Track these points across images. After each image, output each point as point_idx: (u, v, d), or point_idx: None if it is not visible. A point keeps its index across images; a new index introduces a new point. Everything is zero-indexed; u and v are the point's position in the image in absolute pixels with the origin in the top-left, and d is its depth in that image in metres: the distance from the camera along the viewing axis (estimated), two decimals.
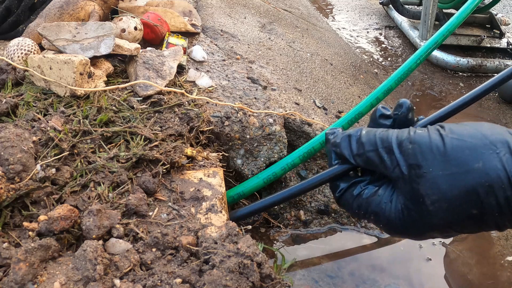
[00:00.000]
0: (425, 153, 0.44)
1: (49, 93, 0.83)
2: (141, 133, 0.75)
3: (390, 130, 0.49)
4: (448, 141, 0.44)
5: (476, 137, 0.43)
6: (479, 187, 0.41)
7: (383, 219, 0.48)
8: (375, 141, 0.49)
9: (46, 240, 0.53)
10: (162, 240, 0.57)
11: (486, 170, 0.41)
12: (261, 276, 0.54)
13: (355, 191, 0.52)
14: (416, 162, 0.45)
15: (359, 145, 0.50)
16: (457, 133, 0.44)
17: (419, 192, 0.44)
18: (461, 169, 0.42)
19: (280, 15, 2.10)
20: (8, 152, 0.59)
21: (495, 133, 0.43)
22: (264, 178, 0.87)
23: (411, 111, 0.53)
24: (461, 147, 0.43)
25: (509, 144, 0.41)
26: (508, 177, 0.40)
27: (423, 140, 0.45)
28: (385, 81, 0.91)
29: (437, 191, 0.43)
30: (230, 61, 1.23)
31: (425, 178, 0.44)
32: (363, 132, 0.51)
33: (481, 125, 0.45)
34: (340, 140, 0.53)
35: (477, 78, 2.52)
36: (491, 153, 0.41)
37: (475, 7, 1.01)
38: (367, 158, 0.49)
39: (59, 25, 0.91)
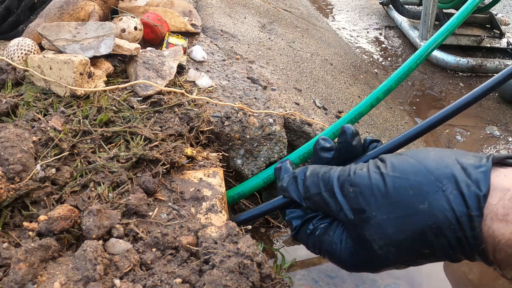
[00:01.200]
0: (367, 196, 0.41)
1: (49, 93, 0.83)
2: (141, 133, 0.75)
3: (333, 170, 0.46)
4: (389, 181, 0.41)
5: (420, 173, 0.40)
6: (426, 230, 0.38)
7: (335, 259, 0.47)
8: (318, 184, 0.46)
9: (46, 240, 0.53)
10: (162, 240, 0.57)
11: (433, 211, 0.38)
12: (261, 276, 0.54)
13: (309, 228, 0.50)
14: (359, 207, 0.42)
15: (305, 188, 0.48)
16: (399, 169, 0.41)
17: (365, 237, 0.42)
18: (406, 211, 0.39)
19: (280, 15, 2.10)
20: (8, 152, 0.59)
21: (441, 166, 0.39)
22: (264, 178, 0.87)
23: (355, 137, 0.51)
24: (404, 186, 0.40)
25: (456, 179, 0.38)
26: (456, 217, 0.37)
27: (363, 182, 0.42)
28: (385, 81, 0.91)
29: (384, 235, 0.40)
30: (230, 61, 1.23)
31: (369, 224, 0.41)
32: (307, 174, 0.48)
33: (426, 156, 0.41)
34: (286, 184, 0.50)
35: (477, 78, 2.52)
36: (437, 191, 0.38)
37: (475, 7, 1.01)
38: (314, 201, 0.47)
39: (59, 25, 0.91)
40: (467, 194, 0.37)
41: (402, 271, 0.99)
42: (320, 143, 0.52)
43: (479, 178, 0.37)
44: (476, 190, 0.36)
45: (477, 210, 0.36)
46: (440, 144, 1.95)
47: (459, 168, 0.38)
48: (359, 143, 0.52)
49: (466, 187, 0.37)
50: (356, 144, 0.51)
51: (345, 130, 0.51)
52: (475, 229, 0.36)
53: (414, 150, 0.43)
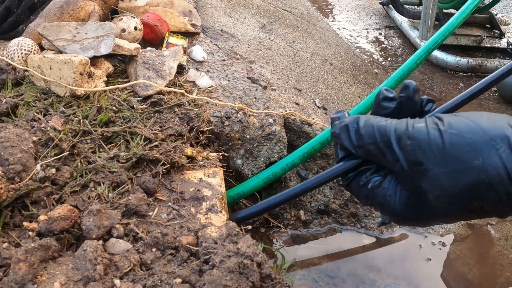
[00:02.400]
0: (425, 150, 0.44)
1: (49, 93, 0.83)
2: (141, 133, 0.75)
3: (389, 121, 0.48)
4: (447, 137, 0.43)
5: (475, 132, 0.42)
6: (479, 184, 0.41)
7: (389, 211, 0.48)
8: (374, 134, 0.48)
9: (46, 240, 0.53)
10: (162, 240, 0.57)
11: (486, 167, 0.40)
12: (261, 276, 0.54)
13: (361, 180, 0.51)
14: (416, 159, 0.44)
15: (358, 136, 0.49)
16: (456, 128, 0.43)
17: (421, 188, 0.44)
18: (461, 166, 0.42)
19: (280, 15, 2.10)
20: (8, 152, 0.59)
21: (495, 127, 0.42)
22: (264, 178, 0.87)
23: (417, 93, 0.52)
24: (460, 143, 0.42)
25: (509, 139, 0.41)
26: (508, 173, 0.40)
27: (422, 136, 0.44)
28: (385, 81, 0.91)
29: (439, 187, 0.43)
30: (230, 61, 1.23)
31: (426, 176, 0.43)
32: (362, 123, 0.49)
33: (480, 117, 0.44)
34: (339, 131, 0.51)
35: (477, 78, 2.52)
36: (491, 149, 0.41)
37: (475, 7, 1.01)
38: (368, 150, 0.49)
39: (59, 25, 0.91)
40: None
41: (402, 271, 0.99)
42: (383, 93, 0.52)
43: None
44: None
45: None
46: None
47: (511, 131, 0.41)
48: (419, 99, 0.53)
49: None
50: (417, 100, 0.52)
51: (408, 85, 0.52)
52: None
53: (469, 113, 0.46)
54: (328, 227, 1.08)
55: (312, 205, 1.08)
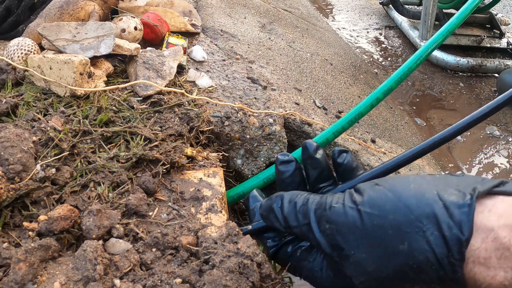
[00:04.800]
0: (344, 234, 0.40)
1: (49, 93, 0.83)
2: (141, 133, 0.75)
3: (310, 201, 0.45)
4: (367, 219, 0.39)
5: (399, 211, 0.38)
6: (407, 269, 0.37)
7: (317, 285, 0.47)
8: (297, 216, 0.45)
9: (46, 240, 0.53)
10: (162, 240, 0.57)
11: (413, 252, 0.37)
12: (261, 276, 0.54)
13: (288, 251, 0.50)
14: (336, 244, 0.41)
15: (284, 218, 0.46)
16: (377, 206, 0.39)
17: (346, 273, 0.41)
18: (386, 251, 0.38)
19: (280, 15, 2.10)
20: (8, 152, 0.59)
21: (421, 204, 0.37)
22: (264, 178, 0.87)
23: (317, 152, 0.50)
24: (383, 225, 0.38)
25: (437, 218, 0.36)
26: (437, 258, 0.36)
27: (340, 219, 0.40)
28: (385, 81, 0.91)
29: (364, 272, 0.40)
30: (230, 61, 1.23)
31: (348, 261, 0.40)
32: (285, 203, 0.47)
33: (406, 188, 0.39)
34: (266, 213, 0.49)
35: (477, 78, 2.52)
36: (417, 231, 0.36)
37: (475, 7, 1.01)
38: (294, 232, 0.46)
39: (59, 25, 0.91)
40: (448, 237, 0.35)
41: None
42: (278, 158, 0.52)
43: (462, 220, 0.35)
44: (458, 233, 0.35)
45: (459, 254, 0.35)
46: None
47: (441, 206, 0.36)
48: (323, 156, 0.51)
49: (448, 228, 0.35)
50: (321, 157, 0.51)
51: (306, 145, 0.51)
52: (456, 273, 0.36)
53: (392, 180, 0.41)
54: None
55: None
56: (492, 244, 0.34)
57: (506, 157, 1.94)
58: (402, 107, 2.20)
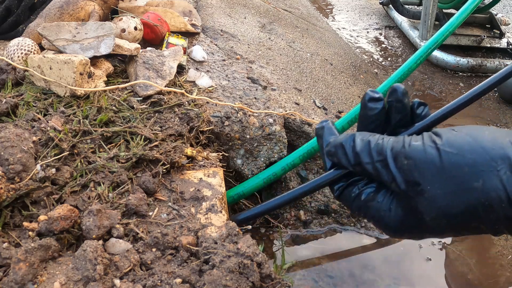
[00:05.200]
0: (422, 170, 0.42)
1: (49, 93, 0.83)
2: (141, 133, 0.75)
3: (386, 139, 0.46)
4: (445, 157, 0.41)
5: (475, 151, 0.41)
6: (479, 206, 0.40)
7: (383, 225, 0.48)
8: (370, 153, 0.46)
9: (46, 240, 0.53)
10: (162, 240, 0.57)
11: (486, 190, 0.39)
12: (261, 276, 0.54)
13: (353, 191, 0.50)
14: (413, 179, 0.43)
15: (355, 155, 0.48)
16: (456, 146, 0.42)
17: (418, 208, 0.43)
18: (461, 187, 0.40)
19: (280, 15, 2.10)
20: (8, 152, 0.59)
21: (496, 147, 0.41)
22: (264, 178, 0.87)
23: (405, 96, 0.51)
24: (460, 164, 0.41)
25: (510, 160, 0.39)
26: (508, 196, 0.38)
27: (419, 155, 0.43)
28: (385, 81, 0.91)
29: (436, 209, 0.42)
30: (230, 61, 1.23)
31: (423, 196, 0.42)
32: (358, 141, 0.48)
33: (482, 133, 0.42)
34: (334, 149, 0.50)
35: (477, 78, 2.52)
36: (491, 171, 0.39)
37: (475, 7, 1.01)
38: (364, 169, 0.47)
39: (59, 25, 0.91)
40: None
41: (402, 271, 0.99)
42: (369, 94, 0.51)
43: None
44: None
45: None
46: None
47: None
48: (408, 103, 0.51)
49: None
50: (407, 103, 0.51)
51: (396, 88, 0.50)
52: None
53: (469, 127, 0.44)
54: (328, 227, 1.08)
55: (312, 205, 1.08)
56: None
57: None
58: None
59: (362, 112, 0.52)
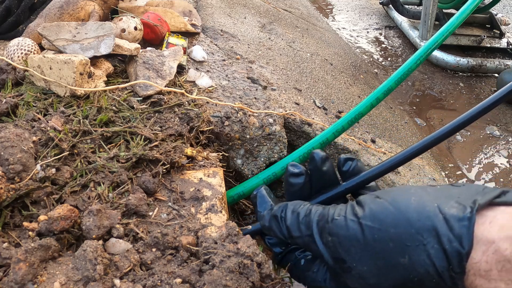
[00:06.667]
0: (346, 247, 0.40)
1: (49, 93, 0.83)
2: (141, 133, 0.75)
3: (312, 212, 0.45)
4: (368, 232, 0.39)
5: (399, 224, 0.38)
6: (408, 282, 0.38)
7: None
8: (299, 227, 0.45)
9: (46, 240, 0.53)
10: (162, 240, 0.57)
11: (414, 266, 0.37)
12: (261, 276, 0.54)
13: (291, 259, 0.50)
14: (338, 256, 0.41)
15: (287, 229, 0.47)
16: (378, 219, 0.39)
17: (348, 285, 0.42)
18: (387, 264, 0.38)
19: (280, 15, 2.10)
20: (8, 152, 0.59)
21: (422, 218, 0.37)
22: (264, 178, 0.87)
23: (324, 163, 0.50)
24: (384, 239, 0.38)
25: (437, 232, 0.36)
26: (438, 272, 0.36)
27: (341, 232, 0.41)
28: (385, 81, 0.91)
29: (366, 285, 0.40)
30: (230, 61, 1.23)
31: (350, 273, 0.41)
32: (288, 213, 0.47)
33: (407, 202, 0.39)
34: (268, 224, 0.49)
35: (477, 78, 2.52)
36: (418, 245, 0.37)
37: (475, 7, 1.01)
38: (297, 243, 0.47)
39: (59, 25, 0.91)
40: (449, 250, 0.35)
41: None
42: (289, 170, 0.51)
43: (462, 233, 0.35)
44: (458, 247, 0.35)
45: (459, 268, 0.35)
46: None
47: (441, 220, 0.36)
48: (330, 167, 0.51)
49: (448, 242, 0.35)
50: (327, 169, 0.50)
51: (314, 156, 0.50)
52: (457, 285, 0.36)
53: (394, 193, 0.41)
54: None
55: None
56: (493, 256, 0.34)
57: (506, 157, 1.94)
58: (402, 107, 2.20)
59: (286, 186, 0.52)
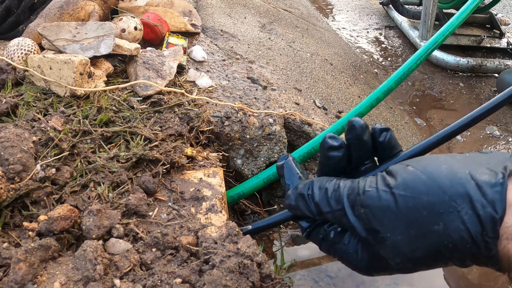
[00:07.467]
0: (379, 217, 0.40)
1: (49, 93, 0.83)
2: (141, 133, 0.75)
3: (341, 186, 0.44)
4: (401, 201, 0.39)
5: (432, 192, 0.38)
6: (442, 248, 0.38)
7: (352, 265, 0.47)
8: (329, 202, 0.45)
9: (46, 240, 0.53)
10: (162, 240, 0.57)
11: (448, 232, 0.37)
12: (261, 276, 0.54)
13: (320, 232, 0.49)
14: (371, 227, 0.41)
15: (316, 205, 0.46)
16: (411, 188, 0.39)
17: (381, 255, 0.42)
18: (421, 232, 0.38)
19: (280, 15, 2.10)
20: (8, 152, 0.59)
21: (454, 184, 0.37)
22: (264, 178, 0.87)
23: (364, 132, 0.48)
24: (417, 207, 0.38)
25: (471, 198, 0.36)
26: (471, 237, 0.36)
27: (374, 203, 0.40)
28: (385, 81, 0.91)
29: (399, 254, 0.40)
30: (230, 61, 1.23)
31: (384, 244, 0.41)
32: (316, 190, 0.46)
33: (438, 169, 0.39)
34: (295, 203, 0.48)
35: (477, 78, 2.52)
36: (451, 211, 0.37)
37: (475, 7, 1.01)
38: (327, 218, 0.46)
39: (59, 25, 0.91)
40: (482, 216, 0.36)
41: None
42: (328, 142, 0.48)
43: (495, 199, 0.36)
44: (491, 212, 0.35)
45: (493, 232, 0.36)
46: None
47: (473, 186, 0.37)
48: (369, 137, 0.49)
49: (482, 207, 0.36)
50: (367, 139, 0.48)
51: (354, 124, 0.47)
52: (491, 250, 0.36)
53: (424, 161, 0.41)
54: None
55: None
56: None
57: None
58: (402, 107, 2.20)
59: (322, 159, 0.50)
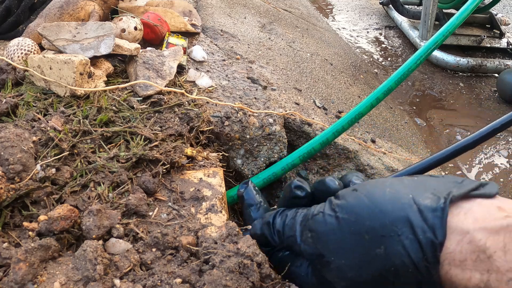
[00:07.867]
0: (324, 241, 0.41)
1: (49, 93, 0.83)
2: (141, 133, 0.75)
3: (299, 213, 0.47)
4: (344, 225, 0.40)
5: (374, 216, 0.38)
6: (385, 273, 0.38)
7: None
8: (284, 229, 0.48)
9: (46, 240, 0.53)
10: (162, 240, 0.57)
11: (389, 256, 0.37)
12: (261, 276, 0.54)
13: (279, 255, 0.52)
14: (317, 252, 0.42)
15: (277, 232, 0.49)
16: (354, 212, 0.40)
17: (327, 279, 0.43)
18: (364, 255, 0.39)
19: (280, 15, 2.10)
20: (8, 152, 0.59)
21: (396, 208, 0.38)
22: (264, 178, 0.87)
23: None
24: (360, 231, 0.39)
25: (411, 223, 0.36)
26: (413, 262, 0.36)
27: (320, 227, 0.42)
28: (385, 81, 0.91)
29: (345, 278, 0.41)
30: (230, 61, 1.23)
31: (329, 267, 0.41)
32: (277, 219, 0.49)
33: (381, 193, 0.40)
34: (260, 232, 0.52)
35: (477, 78, 2.52)
36: (392, 236, 0.37)
37: (475, 7, 1.01)
38: (284, 245, 0.49)
39: (59, 25, 0.91)
40: (423, 241, 0.36)
41: None
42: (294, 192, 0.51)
43: (435, 224, 0.36)
44: (432, 237, 0.35)
45: (433, 258, 0.35)
46: (440, 144, 1.95)
47: (415, 211, 0.37)
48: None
49: (422, 232, 0.36)
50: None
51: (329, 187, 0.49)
52: (432, 276, 0.36)
53: (370, 185, 0.42)
54: None
55: None
56: (468, 246, 0.34)
57: (506, 157, 1.94)
58: (402, 107, 2.20)
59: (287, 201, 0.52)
